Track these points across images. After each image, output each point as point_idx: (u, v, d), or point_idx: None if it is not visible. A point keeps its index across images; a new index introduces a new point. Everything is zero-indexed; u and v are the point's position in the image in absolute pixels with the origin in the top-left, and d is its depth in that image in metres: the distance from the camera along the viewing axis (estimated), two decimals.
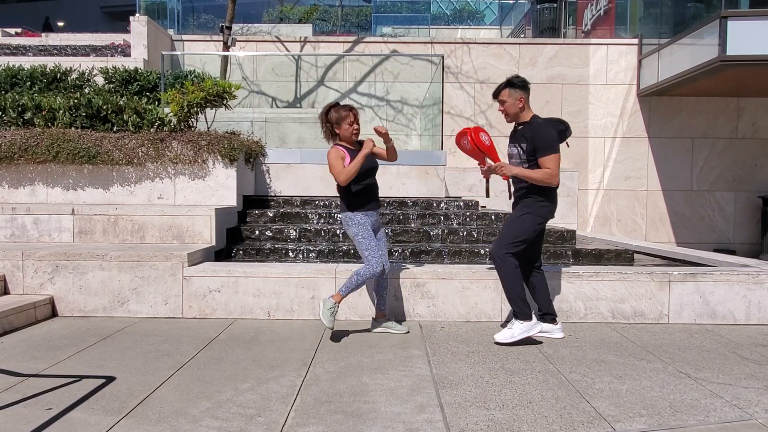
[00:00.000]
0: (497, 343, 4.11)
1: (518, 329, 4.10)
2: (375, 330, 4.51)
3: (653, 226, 11.01)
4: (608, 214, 10.99)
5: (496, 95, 4.28)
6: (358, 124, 4.32)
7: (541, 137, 4.07)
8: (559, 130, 4.19)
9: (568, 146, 4.42)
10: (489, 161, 4.27)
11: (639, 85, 10.91)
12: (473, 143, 4.22)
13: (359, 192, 4.29)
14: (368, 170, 4.33)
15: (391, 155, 4.41)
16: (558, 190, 4.23)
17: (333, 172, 4.25)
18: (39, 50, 11.44)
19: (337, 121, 4.27)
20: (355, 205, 4.28)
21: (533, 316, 4.14)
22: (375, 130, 4.22)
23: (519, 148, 4.20)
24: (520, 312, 4.11)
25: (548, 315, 4.43)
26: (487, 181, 4.44)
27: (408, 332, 4.49)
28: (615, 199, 10.97)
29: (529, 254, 4.40)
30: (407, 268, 5.01)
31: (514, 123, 4.31)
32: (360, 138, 4.39)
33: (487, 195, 4.51)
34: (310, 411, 2.97)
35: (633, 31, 11.63)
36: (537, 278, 4.46)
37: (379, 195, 4.49)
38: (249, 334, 4.43)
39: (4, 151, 6.27)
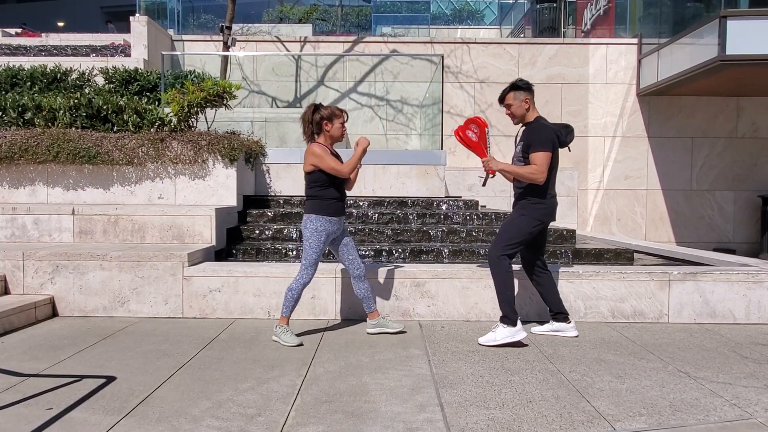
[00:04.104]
0: (480, 344, 4.12)
1: (501, 333, 4.10)
2: (370, 331, 4.47)
3: (653, 225, 11.01)
4: (608, 214, 10.99)
5: (501, 100, 4.30)
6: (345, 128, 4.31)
7: (536, 134, 4.12)
8: (559, 133, 4.20)
9: (570, 150, 4.42)
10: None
11: (639, 84, 10.90)
12: (461, 140, 4.29)
13: (334, 198, 4.24)
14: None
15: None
16: (558, 190, 4.23)
17: (326, 165, 4.10)
18: (39, 50, 11.43)
19: (329, 117, 4.18)
20: (322, 209, 4.18)
21: (518, 322, 4.12)
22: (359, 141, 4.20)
23: (519, 147, 4.27)
24: (505, 316, 4.11)
25: (560, 314, 4.43)
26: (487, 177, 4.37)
27: (404, 330, 4.49)
28: (615, 198, 10.98)
29: (532, 256, 4.41)
30: (400, 267, 5.01)
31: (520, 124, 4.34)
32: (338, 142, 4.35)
33: (483, 184, 4.41)
34: (311, 410, 2.98)
35: (633, 30, 11.62)
36: (544, 278, 4.45)
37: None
38: (249, 334, 4.44)
39: (5, 151, 6.27)
